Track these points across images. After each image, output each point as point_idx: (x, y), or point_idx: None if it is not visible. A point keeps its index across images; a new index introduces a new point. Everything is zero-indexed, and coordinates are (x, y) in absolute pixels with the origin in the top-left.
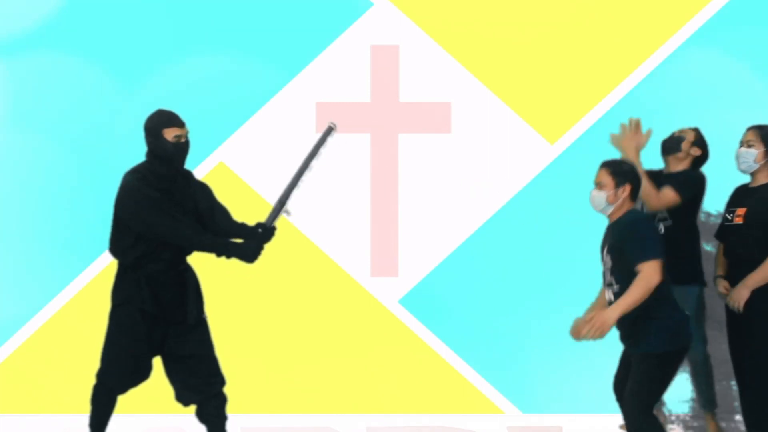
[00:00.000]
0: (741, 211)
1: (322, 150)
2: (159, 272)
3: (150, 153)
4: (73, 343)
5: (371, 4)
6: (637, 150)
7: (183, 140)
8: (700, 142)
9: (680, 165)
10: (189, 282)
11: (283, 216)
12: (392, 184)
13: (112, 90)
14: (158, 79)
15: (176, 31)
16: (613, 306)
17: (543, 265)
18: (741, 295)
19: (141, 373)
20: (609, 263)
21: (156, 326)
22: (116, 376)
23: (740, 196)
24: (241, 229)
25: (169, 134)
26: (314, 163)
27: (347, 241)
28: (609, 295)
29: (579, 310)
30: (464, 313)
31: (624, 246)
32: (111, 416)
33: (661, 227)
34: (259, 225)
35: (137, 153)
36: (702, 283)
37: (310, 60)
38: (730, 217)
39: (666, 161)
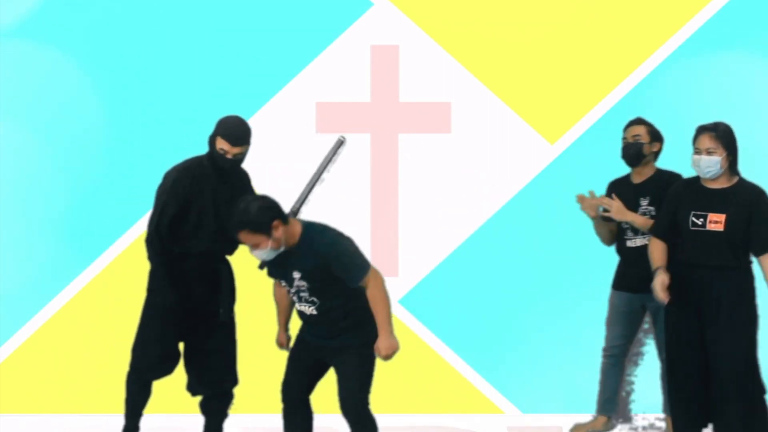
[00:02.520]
0: (718, 217)
1: (332, 165)
2: (191, 268)
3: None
4: (73, 343)
5: (371, 4)
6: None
7: (228, 156)
8: (654, 135)
9: (647, 169)
10: (223, 278)
11: None
12: (392, 184)
13: (112, 90)
14: (158, 79)
15: (176, 31)
16: None
17: (543, 265)
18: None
19: (170, 359)
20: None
21: (185, 317)
22: (145, 360)
23: (702, 198)
24: None
25: (220, 143)
26: (325, 176)
27: None
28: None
29: (579, 310)
30: (464, 313)
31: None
32: (145, 405)
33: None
34: None
35: (137, 153)
36: None
37: (310, 60)
38: (700, 223)
39: (633, 171)
